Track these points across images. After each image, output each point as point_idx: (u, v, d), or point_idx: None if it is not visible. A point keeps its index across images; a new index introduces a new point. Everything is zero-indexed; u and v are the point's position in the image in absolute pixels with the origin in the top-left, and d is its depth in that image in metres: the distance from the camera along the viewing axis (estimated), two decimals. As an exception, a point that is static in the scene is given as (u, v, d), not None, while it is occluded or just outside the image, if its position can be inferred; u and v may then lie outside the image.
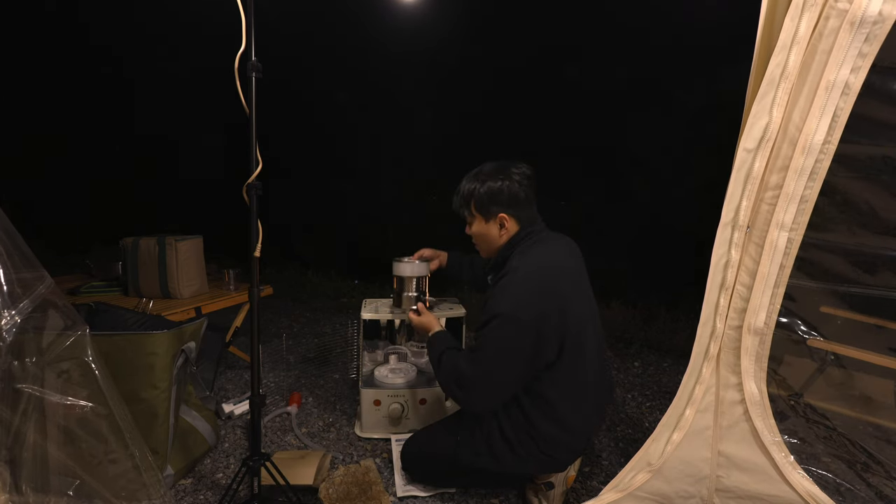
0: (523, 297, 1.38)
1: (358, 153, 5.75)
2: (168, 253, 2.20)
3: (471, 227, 1.64)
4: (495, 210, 1.54)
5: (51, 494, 1.08)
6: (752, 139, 1.16)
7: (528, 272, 1.42)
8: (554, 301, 1.39)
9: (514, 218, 1.54)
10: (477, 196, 1.55)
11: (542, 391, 1.43)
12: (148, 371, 1.53)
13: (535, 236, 1.53)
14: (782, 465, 1.28)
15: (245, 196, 1.35)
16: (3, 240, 1.01)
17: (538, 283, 1.40)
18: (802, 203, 1.13)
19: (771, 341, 1.24)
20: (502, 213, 1.53)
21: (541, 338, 1.36)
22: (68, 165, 6.07)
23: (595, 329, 1.55)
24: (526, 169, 1.56)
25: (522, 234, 1.54)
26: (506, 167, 1.54)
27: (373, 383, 2.03)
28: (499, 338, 1.38)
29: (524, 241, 1.52)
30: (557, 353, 1.40)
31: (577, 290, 1.48)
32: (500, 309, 1.38)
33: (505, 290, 1.41)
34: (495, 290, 1.46)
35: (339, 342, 3.17)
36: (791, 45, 1.08)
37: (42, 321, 1.08)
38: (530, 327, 1.35)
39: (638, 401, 2.43)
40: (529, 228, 1.54)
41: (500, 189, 1.51)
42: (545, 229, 1.58)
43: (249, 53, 1.32)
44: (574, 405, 1.45)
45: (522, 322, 1.35)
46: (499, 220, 1.55)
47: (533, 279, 1.41)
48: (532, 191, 1.55)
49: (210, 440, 1.87)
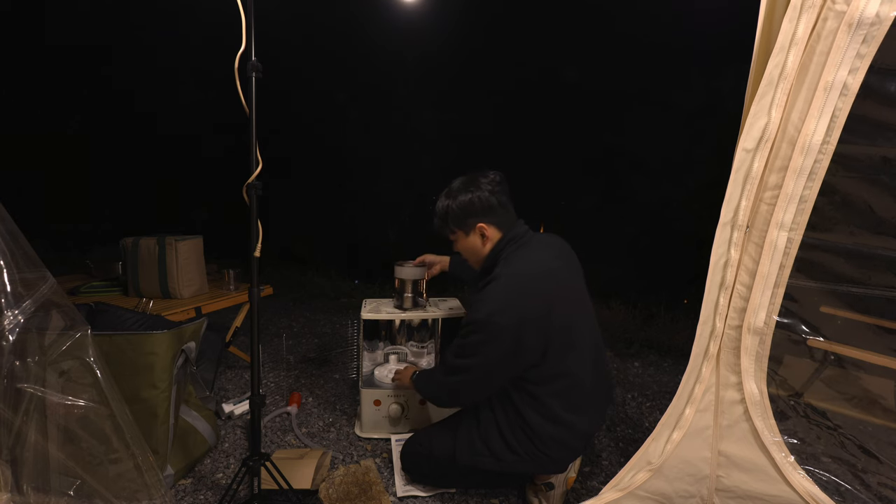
0: (502, 303, 1.40)
1: (359, 153, 5.76)
2: (168, 253, 2.20)
3: (456, 244, 1.68)
4: (472, 222, 1.57)
5: (51, 494, 1.08)
6: (751, 139, 1.16)
7: (509, 278, 1.44)
8: (536, 304, 1.40)
9: (493, 225, 1.57)
10: (452, 212, 1.59)
11: (534, 391, 1.44)
12: (148, 371, 1.53)
13: (519, 240, 1.54)
14: (782, 465, 1.28)
15: (245, 196, 1.35)
16: (7, 240, 1.01)
17: (519, 288, 1.42)
18: (802, 203, 1.13)
19: (771, 341, 1.24)
20: (480, 224, 1.56)
21: (520, 341, 1.38)
22: (68, 165, 6.08)
23: (590, 328, 1.55)
24: (494, 176, 1.59)
25: (505, 240, 1.56)
26: (474, 179, 1.58)
27: (373, 383, 2.03)
28: (475, 341, 1.42)
29: (508, 247, 1.54)
30: (542, 354, 1.41)
31: (564, 291, 1.48)
32: (477, 315, 1.41)
33: (485, 296, 1.44)
34: (476, 297, 1.50)
35: (339, 342, 3.18)
36: (789, 46, 1.08)
37: (44, 321, 1.08)
38: (507, 331, 1.37)
39: (638, 401, 2.43)
40: (512, 233, 1.56)
41: (471, 201, 1.55)
42: (528, 231, 1.59)
43: (249, 53, 1.32)
44: (568, 404, 1.45)
45: (499, 326, 1.38)
46: (479, 231, 1.58)
47: (513, 284, 1.42)
48: (505, 195, 1.58)
49: (210, 440, 1.87)
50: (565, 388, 1.45)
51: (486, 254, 1.59)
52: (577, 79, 4.64)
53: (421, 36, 4.86)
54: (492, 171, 1.61)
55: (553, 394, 1.44)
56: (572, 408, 1.46)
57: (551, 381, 1.44)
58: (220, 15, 1.41)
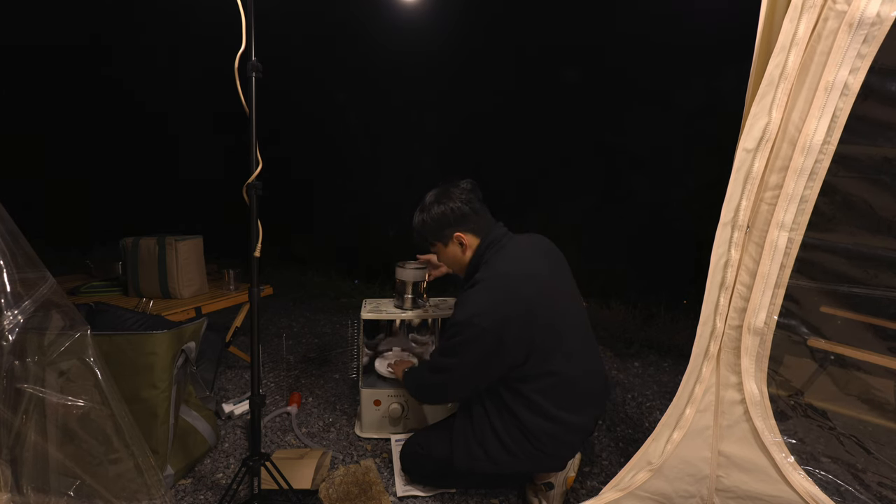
0: (482, 305, 1.42)
1: (359, 153, 5.75)
2: (168, 253, 2.20)
3: (438, 255, 1.71)
4: (449, 232, 1.60)
5: (51, 494, 1.08)
6: (752, 139, 1.16)
7: (490, 280, 1.46)
8: (516, 306, 1.41)
9: (469, 233, 1.60)
10: (428, 226, 1.63)
11: (522, 389, 1.45)
12: (148, 371, 1.53)
13: (498, 243, 1.56)
14: (782, 465, 1.28)
15: (245, 196, 1.35)
16: (7, 240, 1.01)
17: (498, 291, 1.44)
18: (802, 203, 1.13)
19: (771, 341, 1.24)
20: (457, 233, 1.59)
21: (502, 342, 1.40)
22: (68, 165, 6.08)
23: (579, 326, 1.56)
24: (465, 184, 1.63)
25: (484, 244, 1.58)
26: (445, 190, 1.62)
27: (372, 380, 2.04)
28: (457, 342, 1.45)
29: (488, 251, 1.56)
30: (526, 354, 1.42)
31: (548, 291, 1.49)
32: (458, 318, 1.44)
33: (467, 299, 1.46)
34: (458, 301, 1.53)
35: (339, 342, 3.18)
36: (790, 46, 1.08)
37: (44, 321, 1.08)
38: (488, 333, 1.39)
39: (638, 401, 2.43)
40: (490, 237, 1.58)
41: (444, 212, 1.58)
42: (507, 233, 1.61)
43: (249, 53, 1.32)
44: (559, 401, 1.46)
45: (481, 328, 1.39)
46: (456, 240, 1.61)
47: (495, 287, 1.45)
48: (477, 202, 1.62)
49: (210, 440, 1.87)
50: (553, 385, 1.45)
51: (468, 261, 1.61)
52: (577, 78, 4.64)
53: (421, 35, 4.85)
54: (462, 180, 1.65)
55: (541, 391, 1.44)
56: (564, 405, 1.46)
57: (538, 380, 1.45)
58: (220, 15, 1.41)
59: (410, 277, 2.02)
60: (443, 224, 1.60)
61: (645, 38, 4.33)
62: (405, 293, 2.04)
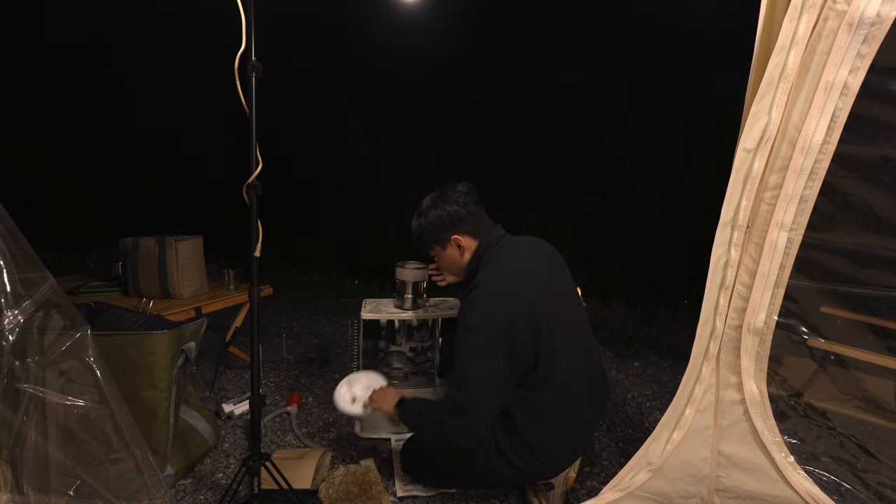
0: (488, 307, 1.40)
1: (359, 153, 5.75)
2: (168, 253, 2.20)
3: (437, 259, 1.70)
4: (446, 235, 1.60)
5: (51, 494, 1.08)
6: (752, 139, 1.16)
7: (493, 281, 1.44)
8: (520, 306, 1.40)
9: (467, 235, 1.59)
10: (425, 230, 1.62)
11: (527, 396, 1.43)
12: (148, 371, 1.53)
13: (497, 245, 1.56)
14: (782, 465, 1.28)
15: (245, 196, 1.35)
16: (7, 240, 1.01)
17: (502, 292, 1.42)
18: (802, 203, 1.13)
19: (771, 341, 1.24)
20: (454, 236, 1.59)
21: (514, 343, 1.37)
22: (68, 165, 6.07)
23: (579, 327, 1.55)
24: (461, 187, 1.62)
25: (483, 246, 1.57)
26: (441, 194, 1.62)
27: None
28: (472, 349, 1.39)
29: (486, 254, 1.55)
30: (535, 354, 1.40)
31: (548, 292, 1.47)
32: (468, 322, 1.41)
33: (471, 303, 1.44)
34: (462, 305, 1.50)
35: (339, 342, 3.18)
36: (790, 46, 1.08)
37: (44, 321, 1.08)
38: (501, 334, 1.37)
39: (638, 401, 2.43)
40: (488, 240, 1.57)
41: (440, 216, 1.58)
42: (505, 235, 1.61)
43: (249, 53, 1.32)
44: (563, 405, 1.45)
45: (491, 331, 1.37)
46: (454, 243, 1.60)
47: (498, 287, 1.43)
48: (474, 204, 1.61)
49: (210, 440, 1.87)
50: (558, 389, 1.44)
51: (467, 263, 1.61)
52: (578, 79, 4.64)
53: (421, 35, 4.85)
54: (459, 184, 1.64)
55: (548, 398, 1.43)
56: (568, 409, 1.46)
57: (545, 384, 1.43)
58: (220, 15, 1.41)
59: (410, 277, 2.02)
60: (440, 227, 1.59)
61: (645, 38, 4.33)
62: (405, 293, 2.04)
